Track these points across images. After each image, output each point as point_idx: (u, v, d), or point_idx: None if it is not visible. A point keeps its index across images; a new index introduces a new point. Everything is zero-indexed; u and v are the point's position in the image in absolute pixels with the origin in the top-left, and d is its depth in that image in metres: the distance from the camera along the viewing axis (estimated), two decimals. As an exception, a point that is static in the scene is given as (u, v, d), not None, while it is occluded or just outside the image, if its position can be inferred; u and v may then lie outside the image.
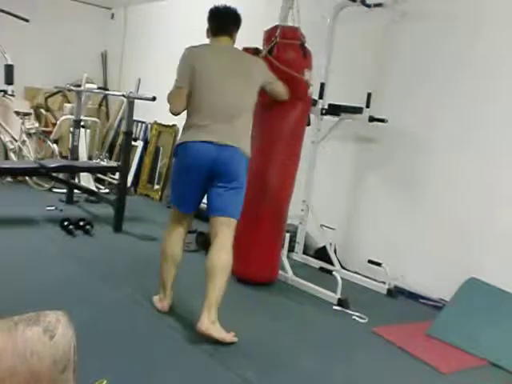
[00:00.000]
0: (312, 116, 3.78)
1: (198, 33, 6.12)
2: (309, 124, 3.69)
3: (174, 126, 6.22)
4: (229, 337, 2.57)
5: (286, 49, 3.31)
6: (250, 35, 3.58)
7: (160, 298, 2.95)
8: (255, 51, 3.35)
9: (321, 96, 3.82)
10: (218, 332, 2.54)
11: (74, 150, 5.52)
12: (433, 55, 3.72)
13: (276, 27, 3.37)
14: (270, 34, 3.39)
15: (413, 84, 3.84)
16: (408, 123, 3.87)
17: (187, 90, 2.75)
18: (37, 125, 6.24)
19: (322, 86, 3.82)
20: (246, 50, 3.41)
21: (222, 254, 2.64)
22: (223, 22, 2.90)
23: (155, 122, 6.47)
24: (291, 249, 4.16)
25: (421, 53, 3.80)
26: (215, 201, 2.71)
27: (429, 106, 3.74)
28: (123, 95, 4.69)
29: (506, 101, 3.32)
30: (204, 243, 4.21)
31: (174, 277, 2.94)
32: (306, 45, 3.40)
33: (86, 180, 5.96)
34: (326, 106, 3.81)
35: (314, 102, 3.72)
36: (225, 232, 2.68)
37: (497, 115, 3.37)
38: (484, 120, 3.43)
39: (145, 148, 6.52)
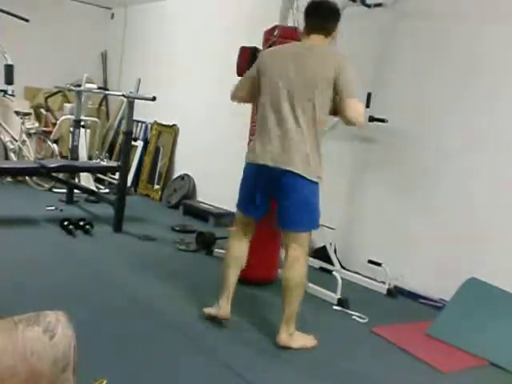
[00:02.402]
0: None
1: (198, 33, 6.12)
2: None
3: (174, 125, 6.23)
4: (309, 342, 2.67)
5: None
6: (250, 35, 3.60)
7: (219, 305, 2.78)
8: (255, 50, 3.35)
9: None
10: (296, 343, 2.63)
11: (74, 150, 5.52)
12: (433, 55, 3.72)
13: (275, 27, 3.38)
14: (269, 34, 3.39)
15: (413, 84, 3.84)
16: (408, 123, 3.87)
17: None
18: (37, 125, 6.25)
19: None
20: (246, 48, 3.41)
21: (295, 268, 2.64)
22: (314, 19, 2.65)
23: (155, 122, 6.47)
24: (291, 249, 4.15)
25: (421, 53, 3.80)
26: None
27: (429, 106, 3.74)
28: (123, 95, 4.69)
29: (507, 100, 3.32)
30: (204, 243, 4.22)
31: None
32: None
33: (85, 180, 5.97)
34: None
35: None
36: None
37: (497, 115, 3.37)
38: (484, 120, 3.43)
39: (145, 148, 6.52)
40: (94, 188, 5.89)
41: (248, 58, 3.35)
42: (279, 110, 2.58)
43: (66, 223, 4.28)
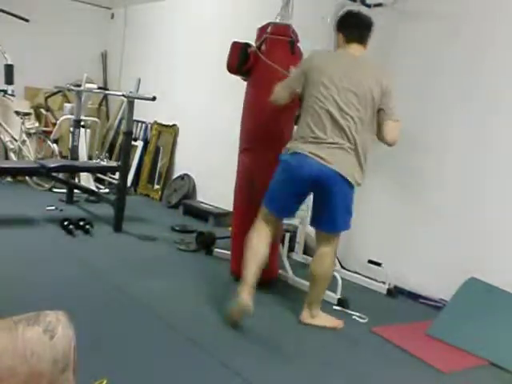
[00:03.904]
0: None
1: (198, 33, 6.10)
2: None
3: (174, 125, 6.23)
4: (330, 323, 2.91)
5: (274, 44, 3.31)
6: (250, 35, 3.59)
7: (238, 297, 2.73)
8: (245, 46, 3.35)
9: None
10: (318, 321, 2.89)
11: (74, 150, 5.52)
12: (433, 55, 3.72)
13: (268, 24, 3.38)
14: (261, 31, 3.39)
15: (413, 84, 3.83)
16: (408, 123, 3.84)
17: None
18: (37, 125, 6.25)
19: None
20: (237, 44, 3.40)
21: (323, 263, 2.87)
22: (358, 30, 2.82)
23: (155, 122, 6.47)
24: (291, 249, 4.16)
25: (421, 53, 3.80)
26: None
27: (429, 106, 3.74)
28: (123, 95, 4.69)
29: (508, 100, 3.32)
30: (204, 243, 4.22)
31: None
32: (299, 44, 3.39)
33: (85, 180, 5.97)
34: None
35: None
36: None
37: (497, 115, 3.37)
38: (484, 119, 3.43)
39: (145, 148, 6.52)
40: (94, 188, 5.89)
41: (238, 53, 3.35)
42: (328, 117, 2.65)
43: (66, 223, 4.28)
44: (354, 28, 2.82)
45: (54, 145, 5.97)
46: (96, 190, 5.70)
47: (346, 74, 2.67)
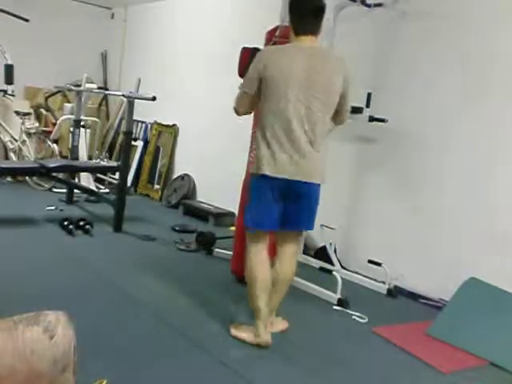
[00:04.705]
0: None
1: (198, 32, 6.12)
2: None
3: (174, 125, 6.23)
4: (284, 324, 2.84)
5: None
6: (250, 35, 3.59)
7: (257, 332, 2.59)
8: (255, 51, 3.35)
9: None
10: (277, 327, 2.78)
11: (74, 150, 5.52)
12: (433, 55, 3.72)
13: (277, 27, 3.38)
14: (270, 34, 3.39)
15: (413, 84, 3.84)
16: (408, 123, 3.87)
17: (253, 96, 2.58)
18: (37, 125, 6.24)
19: (322, 85, 3.82)
20: (246, 49, 3.41)
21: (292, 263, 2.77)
22: (305, 19, 2.55)
23: (155, 122, 6.47)
24: (291, 249, 4.15)
25: (421, 53, 3.80)
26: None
27: (429, 106, 3.74)
28: (123, 95, 4.69)
29: (507, 99, 3.32)
30: (204, 243, 4.22)
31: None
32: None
33: (85, 180, 5.96)
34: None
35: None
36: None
37: (497, 114, 3.37)
38: (484, 119, 3.43)
39: (145, 148, 6.52)
40: (94, 188, 5.89)
41: (248, 58, 3.35)
42: (291, 117, 2.47)
43: (66, 223, 4.28)
44: (308, 19, 2.55)
45: (54, 145, 5.97)
46: (96, 190, 5.70)
47: (306, 70, 2.46)
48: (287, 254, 2.71)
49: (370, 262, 3.82)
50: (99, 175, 6.46)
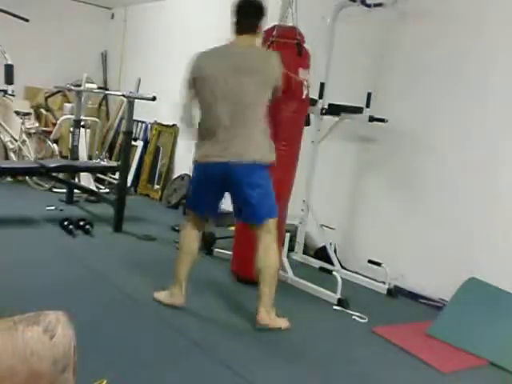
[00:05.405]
0: (312, 116, 3.78)
1: (197, 33, 6.12)
2: (308, 124, 3.69)
3: (173, 125, 6.23)
4: (283, 324, 2.82)
5: (281, 47, 3.30)
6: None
7: (172, 293, 2.95)
8: None
9: (321, 96, 3.81)
10: (276, 323, 2.80)
11: (74, 150, 5.52)
12: (433, 55, 3.72)
13: (274, 27, 3.38)
14: (267, 34, 3.39)
15: (413, 84, 3.84)
16: (408, 123, 3.87)
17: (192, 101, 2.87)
18: (37, 125, 6.24)
19: (322, 85, 3.82)
20: None
21: (270, 255, 2.79)
22: (242, 20, 2.82)
23: (155, 122, 6.47)
24: (291, 249, 4.15)
25: (421, 52, 3.80)
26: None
27: (429, 106, 3.74)
28: (123, 95, 4.69)
29: (507, 100, 3.32)
30: (204, 243, 4.21)
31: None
32: (305, 45, 3.39)
33: (85, 180, 5.96)
34: (326, 106, 3.81)
35: (314, 102, 3.72)
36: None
37: (497, 114, 3.37)
38: (484, 119, 3.43)
39: (145, 148, 6.52)
40: (94, 188, 5.89)
41: None
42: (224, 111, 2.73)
43: (65, 223, 4.28)
44: (246, 18, 2.82)
45: (54, 145, 5.97)
46: (96, 190, 5.69)
47: (236, 67, 2.76)
48: (261, 246, 2.77)
49: (370, 261, 3.82)
50: (99, 175, 6.46)
